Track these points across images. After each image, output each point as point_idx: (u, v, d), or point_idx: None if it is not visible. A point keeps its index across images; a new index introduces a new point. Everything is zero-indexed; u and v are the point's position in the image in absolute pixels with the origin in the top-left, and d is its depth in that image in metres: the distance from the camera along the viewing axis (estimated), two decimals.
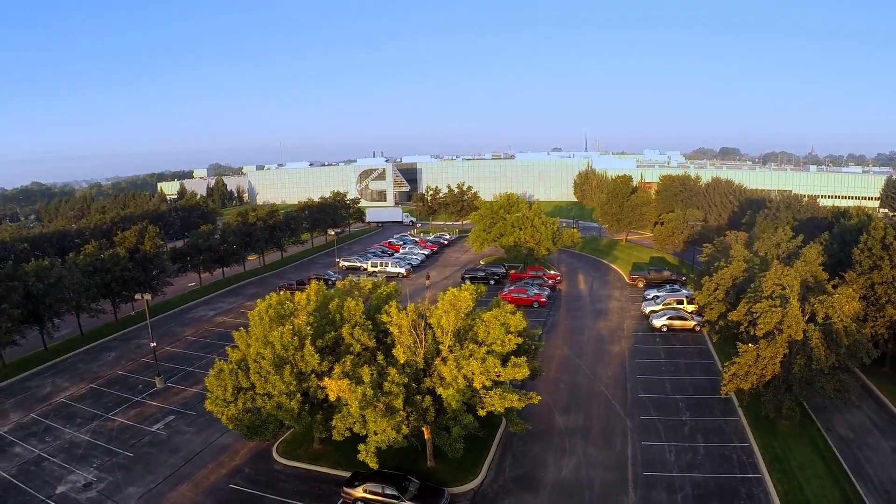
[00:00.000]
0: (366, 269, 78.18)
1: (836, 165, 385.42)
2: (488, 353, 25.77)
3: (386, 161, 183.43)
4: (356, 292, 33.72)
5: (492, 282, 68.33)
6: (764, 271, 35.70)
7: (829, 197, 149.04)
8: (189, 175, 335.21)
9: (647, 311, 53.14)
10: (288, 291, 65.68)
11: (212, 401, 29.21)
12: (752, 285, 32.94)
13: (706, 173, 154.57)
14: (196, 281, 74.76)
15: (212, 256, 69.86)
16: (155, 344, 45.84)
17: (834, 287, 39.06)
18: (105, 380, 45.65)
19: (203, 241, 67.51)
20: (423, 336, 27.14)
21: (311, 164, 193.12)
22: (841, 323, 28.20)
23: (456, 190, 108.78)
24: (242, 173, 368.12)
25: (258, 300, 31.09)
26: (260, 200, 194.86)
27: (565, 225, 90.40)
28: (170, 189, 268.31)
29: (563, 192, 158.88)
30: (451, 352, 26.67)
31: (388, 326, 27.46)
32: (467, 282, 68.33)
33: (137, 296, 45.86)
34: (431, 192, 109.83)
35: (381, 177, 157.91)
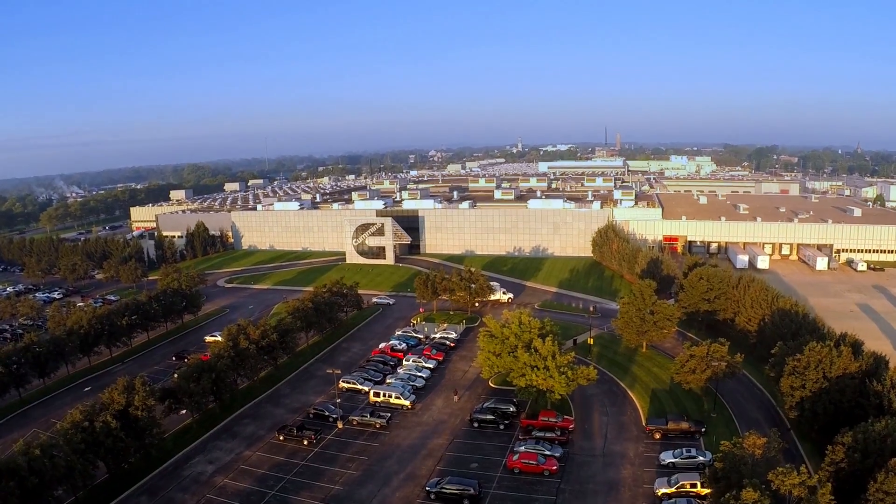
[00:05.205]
0: (367, 394, 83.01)
1: (883, 173, 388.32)
2: None
3: (384, 204, 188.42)
4: None
5: (501, 426, 73.18)
6: None
7: (871, 251, 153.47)
8: (165, 194, 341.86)
9: (658, 493, 57.93)
10: (288, 438, 70.39)
11: None
12: None
13: (736, 230, 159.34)
14: (187, 411, 79.61)
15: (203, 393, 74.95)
16: None
17: None
18: None
19: (195, 384, 72.55)
20: None
21: (301, 207, 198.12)
22: None
23: (464, 273, 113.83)
24: (224, 189, 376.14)
25: None
26: (245, 244, 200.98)
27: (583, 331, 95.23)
28: (144, 216, 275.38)
29: (581, 246, 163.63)
30: None
31: None
32: (476, 424, 73.77)
33: None
34: (436, 276, 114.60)
35: (380, 231, 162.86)
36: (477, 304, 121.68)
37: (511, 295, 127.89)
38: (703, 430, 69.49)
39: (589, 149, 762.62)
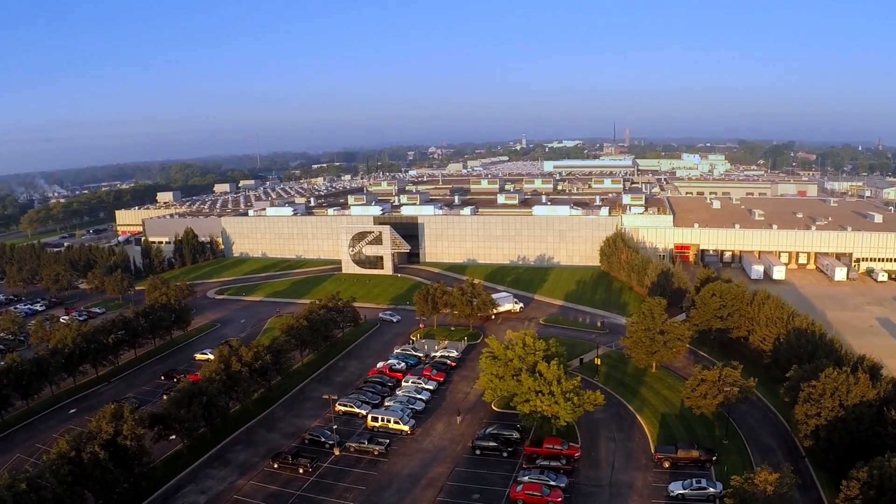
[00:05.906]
0: (364, 418, 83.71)
1: None
2: None
3: (381, 210, 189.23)
4: None
5: (504, 454, 73.89)
6: None
7: (892, 260, 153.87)
8: (152, 195, 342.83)
9: None
10: (283, 466, 71.07)
11: None
12: None
13: (751, 237, 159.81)
14: (177, 435, 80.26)
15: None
16: None
17: None
18: None
19: (185, 411, 73.27)
20: None
21: (294, 212, 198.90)
22: None
23: (465, 287, 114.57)
24: (214, 190, 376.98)
25: None
26: (236, 251, 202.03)
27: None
28: (130, 219, 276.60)
29: (588, 255, 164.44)
30: None
31: None
32: (478, 451, 74.55)
33: None
34: (436, 290, 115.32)
35: (378, 240, 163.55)
36: (493, 317, 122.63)
37: (522, 305, 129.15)
38: (715, 458, 70.11)
39: (597, 145, 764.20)
